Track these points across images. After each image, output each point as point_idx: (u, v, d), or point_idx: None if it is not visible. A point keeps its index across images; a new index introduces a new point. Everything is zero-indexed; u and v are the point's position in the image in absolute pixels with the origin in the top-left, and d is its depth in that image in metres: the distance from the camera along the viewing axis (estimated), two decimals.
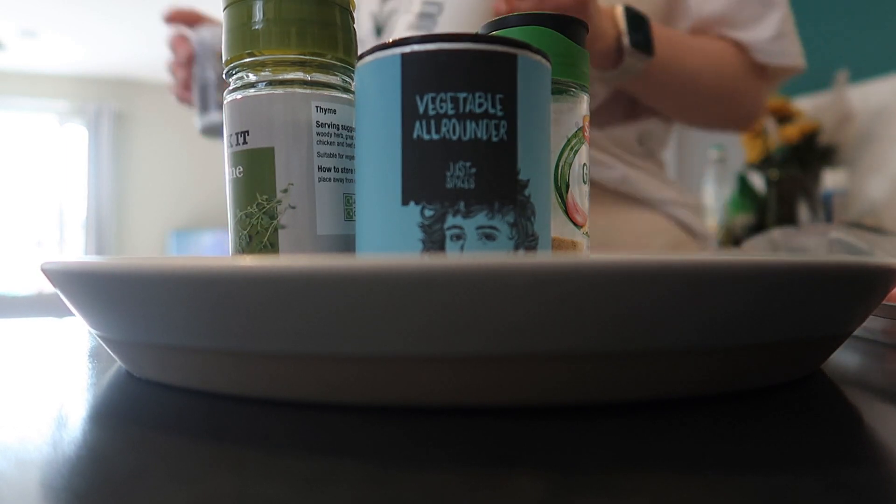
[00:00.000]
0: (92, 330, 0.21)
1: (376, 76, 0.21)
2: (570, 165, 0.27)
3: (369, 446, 0.14)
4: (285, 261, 0.15)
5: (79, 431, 0.15)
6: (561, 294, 0.15)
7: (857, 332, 0.31)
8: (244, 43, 0.25)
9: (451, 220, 0.20)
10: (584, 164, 0.28)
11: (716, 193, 1.52)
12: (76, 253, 4.07)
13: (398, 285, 0.15)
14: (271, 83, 0.25)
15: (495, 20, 0.27)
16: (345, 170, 0.26)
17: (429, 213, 0.20)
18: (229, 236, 0.26)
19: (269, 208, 0.25)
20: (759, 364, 0.18)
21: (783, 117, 1.50)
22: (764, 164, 1.50)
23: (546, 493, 0.11)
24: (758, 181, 1.54)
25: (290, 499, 0.11)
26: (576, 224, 0.27)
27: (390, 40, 0.20)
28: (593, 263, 0.15)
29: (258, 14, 0.25)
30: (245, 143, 0.25)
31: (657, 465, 0.13)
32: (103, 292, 0.18)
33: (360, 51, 0.23)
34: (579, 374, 0.16)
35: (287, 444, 0.14)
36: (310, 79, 0.25)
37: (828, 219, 1.41)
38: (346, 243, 0.26)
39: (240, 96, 0.25)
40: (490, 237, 0.20)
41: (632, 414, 0.16)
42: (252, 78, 0.25)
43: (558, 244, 0.27)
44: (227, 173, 0.26)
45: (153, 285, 0.16)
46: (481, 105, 0.20)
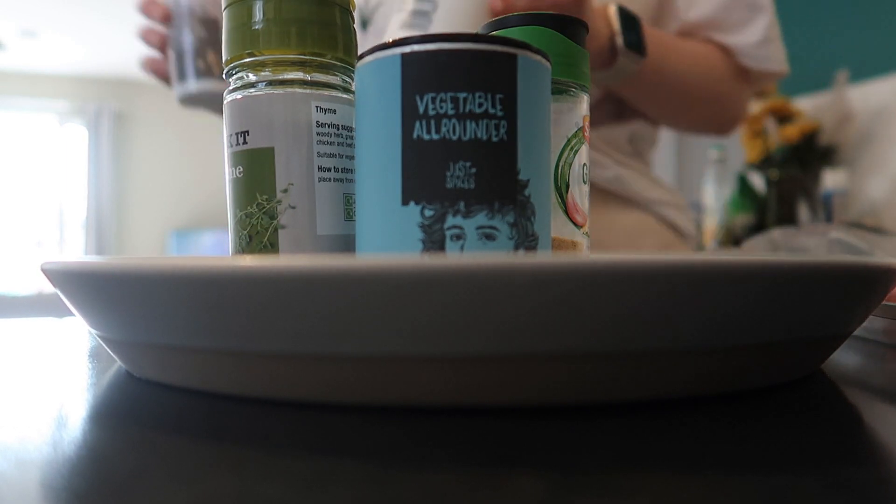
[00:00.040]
0: (92, 330, 0.21)
1: (376, 76, 0.21)
2: (570, 165, 0.27)
3: (369, 446, 0.14)
4: (285, 261, 0.15)
5: (79, 431, 0.15)
6: (561, 294, 0.15)
7: (857, 332, 0.31)
8: (244, 43, 0.25)
9: (451, 220, 0.20)
10: (584, 164, 0.28)
11: (716, 193, 1.52)
12: (76, 253, 4.07)
13: (398, 285, 0.15)
14: (271, 83, 0.25)
15: (495, 20, 0.27)
16: (345, 170, 0.26)
17: (429, 213, 0.20)
18: (229, 236, 0.26)
19: (269, 208, 0.25)
20: (759, 364, 0.18)
21: (783, 117, 1.50)
22: (764, 164, 1.50)
23: (546, 493, 0.11)
24: (758, 181, 1.54)
25: (290, 499, 0.11)
26: (576, 224, 0.27)
27: (390, 40, 0.20)
28: (593, 263, 0.15)
29: (258, 14, 0.25)
30: (245, 143, 0.25)
31: (657, 465, 0.13)
32: (103, 292, 0.18)
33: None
34: (579, 374, 0.16)
35: (287, 444, 0.14)
36: (310, 79, 0.25)
37: (828, 219, 1.41)
38: (346, 243, 0.26)
39: (240, 96, 0.25)
40: (490, 237, 0.20)
41: (632, 414, 0.16)
42: (252, 78, 0.25)
43: (558, 244, 0.27)
44: (227, 173, 0.26)
45: (153, 285, 0.16)
46: (481, 105, 0.20)
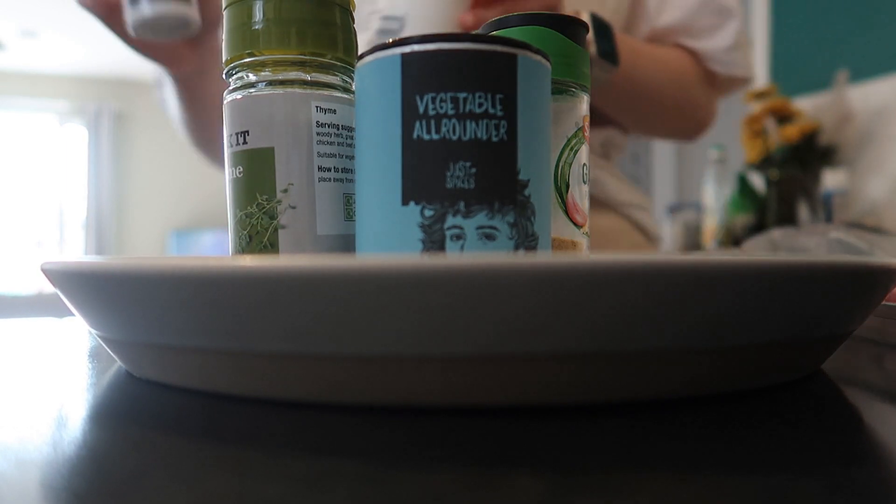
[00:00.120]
0: (92, 330, 0.21)
1: (376, 76, 0.21)
2: (570, 165, 0.27)
3: (369, 446, 0.14)
4: (285, 261, 0.15)
5: (79, 431, 0.15)
6: (561, 294, 0.15)
7: (857, 332, 0.31)
8: (244, 43, 0.25)
9: (451, 220, 0.20)
10: (584, 164, 0.28)
11: (716, 193, 1.52)
12: (76, 253, 4.07)
13: (397, 285, 0.15)
14: (271, 83, 0.25)
15: (495, 20, 0.27)
16: (345, 170, 0.26)
17: (429, 213, 0.20)
18: (229, 236, 0.26)
19: (269, 208, 0.25)
20: (759, 364, 0.18)
21: (783, 117, 1.50)
22: (764, 164, 1.50)
23: (546, 493, 0.11)
24: (758, 181, 1.54)
25: (290, 499, 0.11)
26: (576, 224, 0.27)
27: (390, 40, 0.20)
28: (593, 263, 0.15)
29: (258, 14, 0.25)
30: (245, 143, 0.25)
31: (657, 465, 0.13)
32: (103, 292, 0.18)
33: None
34: (579, 374, 0.16)
35: (287, 444, 0.14)
36: (310, 79, 0.25)
37: (828, 219, 1.41)
38: (346, 243, 0.26)
39: (240, 96, 0.25)
40: (490, 237, 0.20)
41: (632, 414, 0.16)
42: (252, 78, 0.25)
43: (558, 244, 0.27)
44: (227, 173, 0.26)
45: (153, 285, 0.16)
46: (481, 105, 0.20)
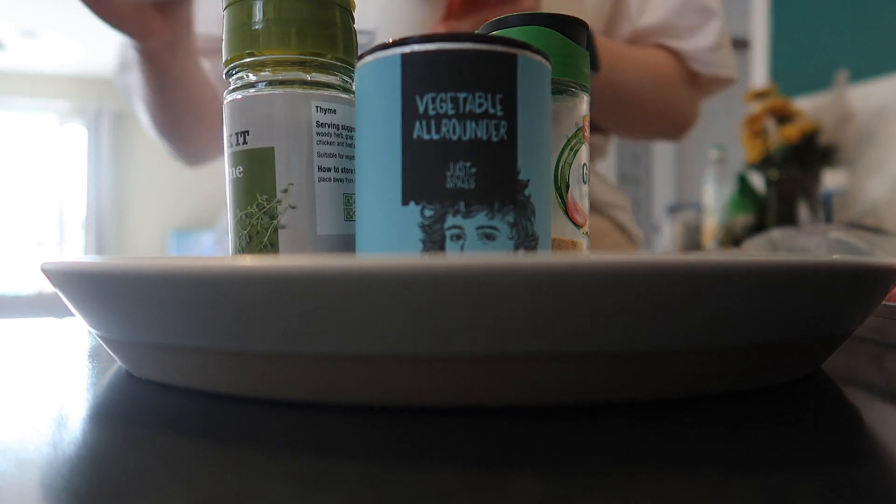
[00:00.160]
0: (92, 330, 0.21)
1: (376, 76, 0.21)
2: (570, 165, 0.27)
3: (369, 446, 0.14)
4: (284, 261, 0.15)
5: (79, 431, 0.15)
6: (561, 294, 0.15)
7: (857, 332, 0.31)
8: (244, 43, 0.25)
9: (451, 220, 0.20)
10: (584, 164, 0.28)
11: (716, 193, 1.52)
12: (76, 253, 4.07)
13: (397, 285, 0.15)
14: (271, 83, 0.25)
15: (495, 20, 0.27)
16: (345, 170, 0.26)
17: (429, 213, 0.20)
18: (229, 236, 0.26)
19: (269, 208, 0.25)
20: (759, 364, 0.18)
21: (783, 117, 1.50)
22: (764, 164, 1.50)
23: (546, 493, 0.11)
24: (758, 181, 1.54)
25: (290, 499, 0.11)
26: (576, 224, 0.27)
27: (390, 40, 0.20)
28: (593, 263, 0.15)
29: (258, 14, 0.25)
30: (245, 143, 0.25)
31: (657, 465, 0.13)
32: (103, 292, 0.18)
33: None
34: (579, 375, 0.16)
35: (287, 444, 0.14)
36: (310, 79, 0.25)
37: (828, 219, 1.41)
38: (346, 243, 0.26)
39: (240, 96, 0.25)
40: (490, 237, 0.20)
41: (632, 414, 0.16)
42: (252, 78, 0.25)
43: (558, 244, 0.27)
44: (227, 173, 0.26)
45: (153, 285, 0.16)
46: (481, 105, 0.20)
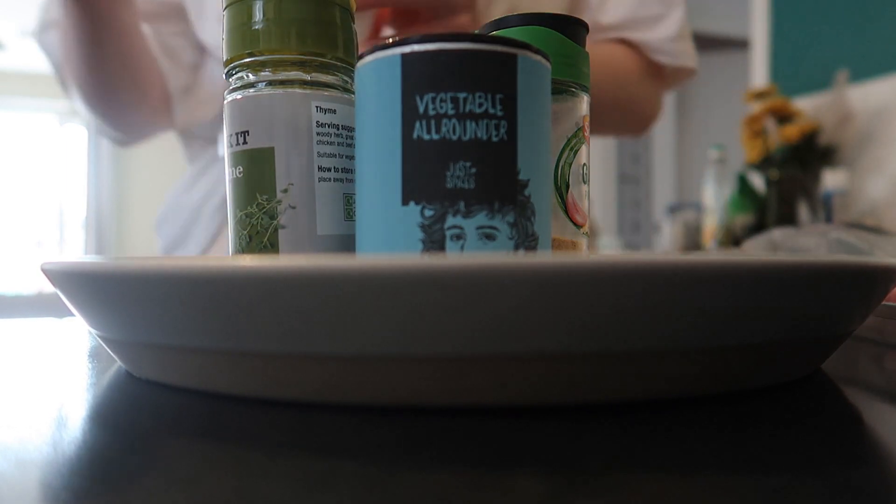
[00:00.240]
0: (92, 330, 0.21)
1: (376, 76, 0.21)
2: (570, 165, 0.27)
3: (369, 446, 0.14)
4: (284, 261, 0.15)
5: (79, 431, 0.15)
6: (561, 294, 0.15)
7: (857, 332, 0.31)
8: (244, 43, 0.25)
9: (451, 220, 0.20)
10: (583, 164, 0.28)
11: (716, 193, 1.52)
12: (76, 253, 4.07)
13: (397, 285, 0.15)
14: (271, 83, 0.25)
15: (495, 20, 0.27)
16: (345, 170, 0.26)
17: (429, 213, 0.20)
18: (229, 236, 0.26)
19: (269, 208, 0.25)
20: (758, 364, 0.18)
21: (783, 117, 1.50)
22: (764, 164, 1.50)
23: (546, 493, 0.11)
24: (758, 181, 1.54)
25: (290, 499, 0.11)
26: (576, 224, 0.27)
27: (390, 40, 0.20)
28: (594, 263, 0.15)
29: (258, 14, 0.25)
30: (245, 143, 0.25)
31: (657, 465, 0.13)
32: (103, 292, 0.18)
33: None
34: (580, 374, 0.16)
35: (287, 444, 0.14)
36: (310, 79, 0.25)
37: (828, 219, 1.41)
38: (346, 243, 0.26)
39: (240, 96, 0.25)
40: (490, 237, 0.20)
41: (631, 414, 0.16)
42: (252, 78, 0.25)
43: (558, 244, 0.27)
44: (227, 173, 0.26)
45: (153, 285, 0.16)
46: (481, 105, 0.20)
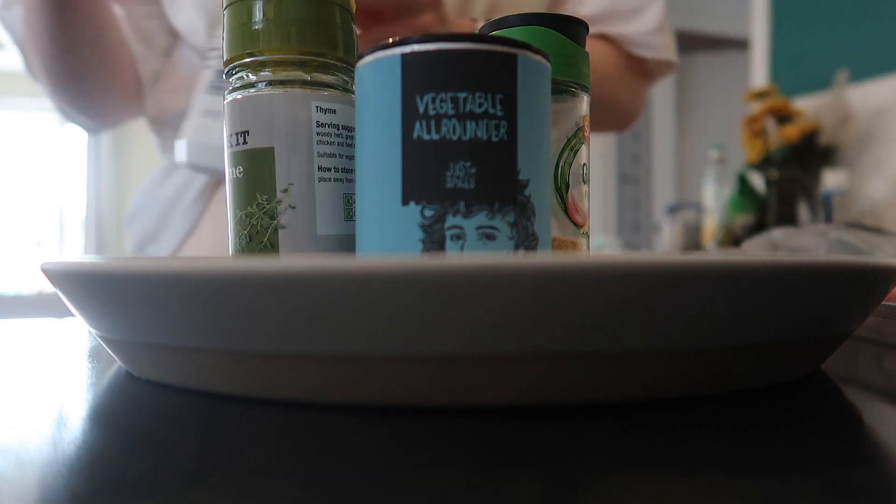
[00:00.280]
0: (92, 330, 0.21)
1: (376, 76, 0.21)
2: (570, 165, 0.27)
3: (369, 446, 0.14)
4: (284, 261, 0.15)
5: (79, 431, 0.15)
6: (563, 293, 0.15)
7: (857, 332, 0.31)
8: (244, 43, 0.25)
9: (451, 220, 0.20)
10: (583, 164, 0.28)
11: (716, 193, 1.52)
12: (76, 253, 4.07)
13: (398, 285, 0.15)
14: (271, 83, 0.25)
15: (495, 20, 0.27)
16: (345, 170, 0.26)
17: (429, 213, 0.20)
18: (229, 236, 0.26)
19: (269, 208, 0.25)
20: (758, 364, 0.18)
21: (783, 117, 1.50)
22: (764, 164, 1.50)
23: (546, 493, 0.11)
24: (758, 181, 1.54)
25: (290, 499, 0.11)
26: (576, 224, 0.27)
27: (390, 40, 0.20)
28: (595, 263, 0.15)
29: (258, 14, 0.25)
30: (245, 143, 0.25)
31: (657, 465, 0.13)
32: (103, 292, 0.18)
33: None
34: (579, 374, 0.16)
35: (287, 444, 0.14)
36: (310, 79, 0.25)
37: (828, 219, 1.41)
38: (346, 243, 0.26)
39: (240, 96, 0.25)
40: (490, 237, 0.20)
41: (631, 414, 0.16)
42: (252, 78, 0.25)
43: (558, 244, 0.27)
44: (227, 173, 0.26)
45: (153, 285, 0.16)
46: (481, 105, 0.20)
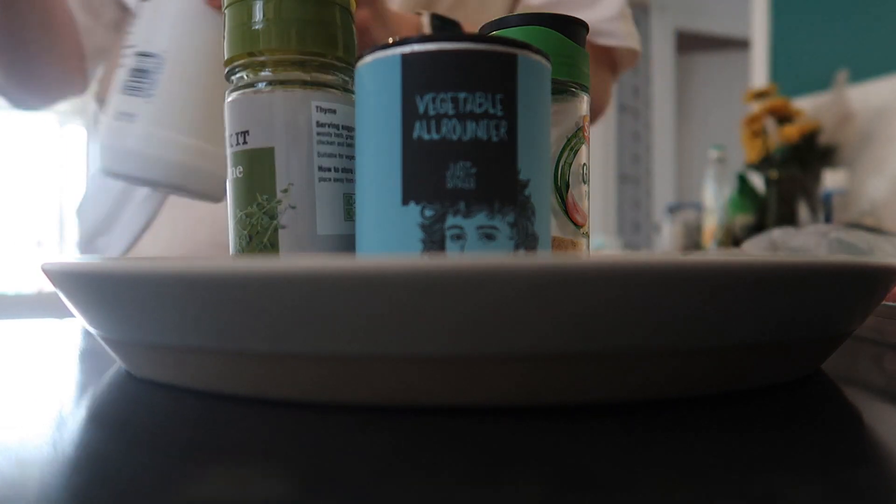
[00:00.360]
0: (92, 330, 0.21)
1: (376, 76, 0.21)
2: (570, 165, 0.27)
3: (369, 446, 0.14)
4: (284, 261, 0.15)
5: (78, 431, 0.15)
6: (563, 293, 0.15)
7: (857, 332, 0.31)
8: (244, 43, 0.25)
9: (451, 220, 0.20)
10: (583, 164, 0.28)
11: (716, 193, 1.52)
12: (76, 253, 4.06)
13: (398, 285, 0.15)
14: (271, 83, 0.25)
15: (495, 20, 0.27)
16: (345, 170, 0.26)
17: (429, 213, 0.20)
18: (229, 236, 0.26)
19: (269, 208, 0.25)
20: (759, 364, 0.18)
21: (783, 117, 1.50)
22: (764, 164, 1.50)
23: (546, 493, 0.11)
24: (758, 181, 1.54)
25: (290, 499, 0.11)
26: (576, 224, 0.27)
27: (390, 40, 0.20)
28: (595, 264, 0.15)
29: (258, 14, 0.25)
30: (245, 143, 0.25)
31: (657, 465, 0.13)
32: (103, 292, 0.18)
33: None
34: (580, 374, 0.16)
35: (286, 444, 0.14)
36: (310, 79, 0.25)
37: (828, 219, 1.41)
38: (347, 243, 0.26)
39: (240, 96, 0.25)
40: (490, 237, 0.20)
41: (631, 414, 0.16)
42: (252, 78, 0.25)
43: (558, 244, 0.27)
44: (227, 173, 0.26)
45: (152, 285, 0.16)
46: (481, 105, 0.20)
